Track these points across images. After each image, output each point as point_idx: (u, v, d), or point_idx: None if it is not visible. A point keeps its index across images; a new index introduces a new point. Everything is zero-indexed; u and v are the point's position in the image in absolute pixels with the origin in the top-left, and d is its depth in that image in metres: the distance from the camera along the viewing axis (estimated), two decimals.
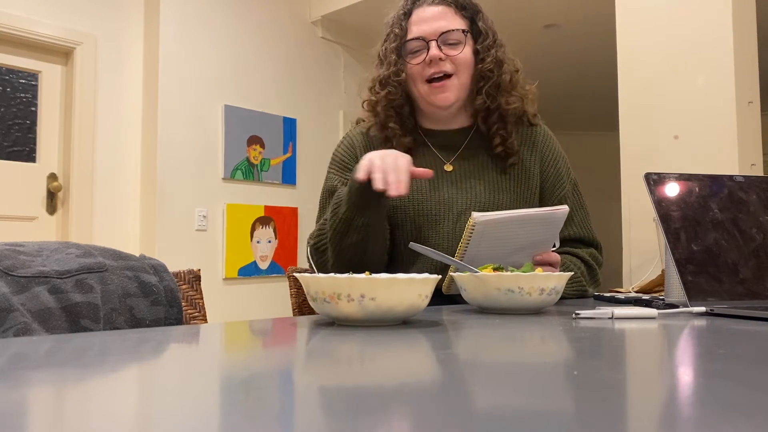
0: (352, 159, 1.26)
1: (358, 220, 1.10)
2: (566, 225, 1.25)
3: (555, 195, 1.27)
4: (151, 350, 0.54)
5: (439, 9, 1.21)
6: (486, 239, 1.01)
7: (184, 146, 3.15)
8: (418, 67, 1.21)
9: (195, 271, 1.02)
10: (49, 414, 0.33)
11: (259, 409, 0.32)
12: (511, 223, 1.01)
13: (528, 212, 1.02)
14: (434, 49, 1.18)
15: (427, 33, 1.20)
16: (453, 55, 1.19)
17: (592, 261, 1.25)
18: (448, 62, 1.19)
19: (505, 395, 0.35)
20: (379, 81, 1.24)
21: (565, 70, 4.80)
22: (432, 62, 1.19)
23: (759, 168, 1.81)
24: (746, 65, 1.82)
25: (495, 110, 1.23)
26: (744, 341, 0.59)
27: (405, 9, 1.24)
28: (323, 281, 0.69)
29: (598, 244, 1.30)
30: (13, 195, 2.81)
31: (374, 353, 0.52)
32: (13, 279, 0.73)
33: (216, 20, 3.32)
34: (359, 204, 1.08)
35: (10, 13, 2.76)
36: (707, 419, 0.30)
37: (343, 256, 1.14)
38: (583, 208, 1.30)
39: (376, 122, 1.26)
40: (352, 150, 1.28)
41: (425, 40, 1.19)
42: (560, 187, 1.27)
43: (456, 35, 1.20)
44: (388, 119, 1.24)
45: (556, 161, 1.29)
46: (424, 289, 0.71)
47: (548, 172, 1.27)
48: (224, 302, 3.25)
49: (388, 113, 1.23)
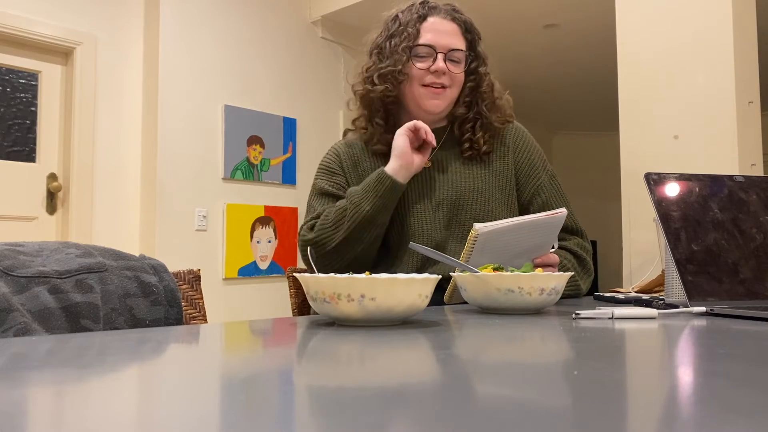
0: (337, 165, 1.35)
1: (382, 217, 1.21)
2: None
3: (530, 184, 1.33)
4: (151, 350, 0.54)
5: (452, 25, 1.30)
6: (488, 248, 1.04)
7: (184, 146, 3.15)
8: (421, 72, 1.27)
9: (195, 271, 1.02)
10: (49, 414, 0.33)
11: (259, 409, 0.32)
12: (511, 230, 1.04)
13: (528, 219, 1.05)
14: (441, 62, 1.27)
15: (439, 44, 1.27)
16: (454, 73, 1.29)
17: (580, 251, 1.29)
18: (448, 77, 1.28)
19: (505, 395, 0.35)
20: (380, 74, 1.29)
21: (565, 70, 4.80)
22: (435, 72, 1.27)
23: (759, 168, 1.81)
24: (746, 65, 1.82)
25: (472, 119, 1.33)
26: (744, 341, 0.59)
27: (420, 12, 1.30)
28: (323, 281, 0.69)
29: (582, 231, 1.34)
30: (13, 195, 2.81)
31: (374, 353, 0.52)
32: (13, 279, 0.73)
33: (216, 20, 3.32)
34: (386, 203, 1.20)
35: (10, 13, 2.76)
36: (707, 419, 0.30)
37: (352, 249, 1.21)
38: (562, 196, 1.35)
39: (362, 115, 1.34)
40: (337, 158, 1.36)
41: (435, 50, 1.27)
42: (535, 176, 1.33)
43: (459, 54, 1.29)
44: (376, 113, 1.31)
45: (530, 152, 1.36)
46: (424, 289, 0.72)
47: (522, 162, 1.34)
48: (224, 302, 3.25)
49: (377, 107, 1.31)
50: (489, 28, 1.47)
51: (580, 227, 1.34)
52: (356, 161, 1.34)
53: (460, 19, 1.31)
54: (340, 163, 1.35)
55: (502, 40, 4.04)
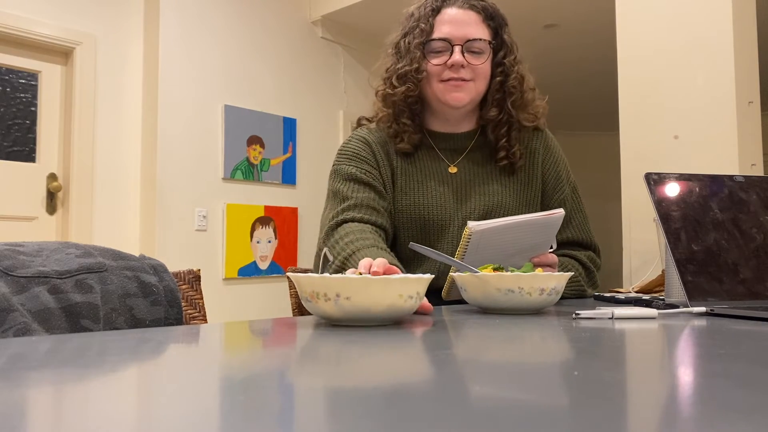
0: (367, 153, 1.24)
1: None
2: (564, 228, 1.25)
3: (555, 198, 1.28)
4: (151, 350, 0.54)
5: (469, 14, 1.21)
6: (483, 246, 1.02)
7: (184, 146, 3.15)
8: (438, 68, 1.20)
9: (195, 271, 1.02)
10: (49, 414, 0.33)
11: (258, 409, 0.32)
12: (507, 230, 1.02)
13: (524, 218, 1.03)
14: (458, 54, 1.18)
15: (454, 36, 1.19)
16: (475, 65, 1.19)
17: (590, 263, 1.26)
18: (468, 69, 1.19)
19: (505, 395, 0.35)
20: (398, 75, 1.22)
21: (565, 70, 4.80)
22: (453, 66, 1.18)
23: (759, 168, 1.81)
24: (746, 65, 1.82)
25: (506, 123, 1.23)
26: (744, 341, 0.59)
27: (434, 6, 1.22)
28: (302, 280, 0.71)
29: (596, 247, 1.30)
30: (13, 195, 2.81)
31: (374, 353, 0.52)
32: (13, 279, 0.73)
33: (216, 20, 3.32)
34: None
35: (10, 13, 2.76)
36: (707, 419, 0.30)
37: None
38: (581, 211, 1.30)
39: (387, 114, 1.25)
40: (366, 145, 1.25)
41: (451, 43, 1.19)
42: (560, 190, 1.28)
43: (480, 45, 1.20)
44: (402, 114, 1.23)
45: (557, 165, 1.30)
46: (405, 290, 0.70)
47: (549, 175, 1.28)
48: (224, 302, 3.25)
49: (402, 108, 1.23)
50: None
51: (594, 242, 1.29)
52: (387, 151, 1.25)
53: (479, 6, 1.22)
54: (371, 150, 1.25)
55: None
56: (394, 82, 1.23)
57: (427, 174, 1.25)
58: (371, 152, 1.24)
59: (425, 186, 1.23)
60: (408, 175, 1.24)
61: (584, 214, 1.31)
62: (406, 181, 1.24)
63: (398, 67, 1.22)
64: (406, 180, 1.24)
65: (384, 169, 1.24)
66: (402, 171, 1.25)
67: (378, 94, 1.27)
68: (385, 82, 1.25)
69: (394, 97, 1.22)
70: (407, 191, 1.23)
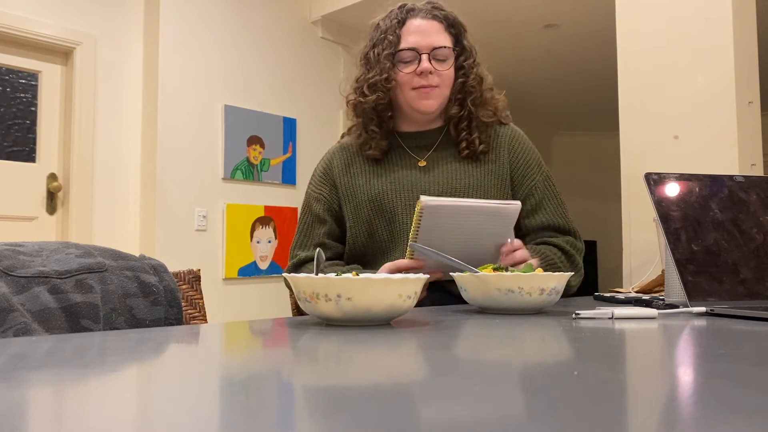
0: (326, 173, 1.38)
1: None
2: (537, 213, 1.31)
3: (524, 185, 1.33)
4: (151, 350, 0.54)
5: (432, 24, 1.30)
6: (438, 226, 1.04)
7: (184, 146, 3.15)
8: (408, 76, 1.28)
9: (195, 271, 1.02)
10: (49, 414, 0.33)
11: (258, 409, 0.32)
12: (459, 212, 1.04)
13: (478, 203, 1.06)
14: (425, 62, 1.27)
15: (421, 45, 1.28)
16: (441, 71, 1.28)
17: (569, 247, 1.29)
18: (435, 75, 1.28)
19: (505, 395, 0.35)
20: (368, 84, 1.30)
21: (565, 70, 4.80)
22: (422, 74, 1.27)
23: (759, 168, 1.81)
24: (746, 65, 1.82)
25: (466, 118, 1.32)
26: (744, 341, 0.59)
27: (399, 18, 1.31)
28: (302, 281, 0.71)
29: (575, 231, 1.34)
30: (13, 195, 2.81)
31: (374, 353, 0.52)
32: (13, 279, 0.73)
33: (216, 20, 3.32)
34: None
35: (10, 13, 2.76)
36: (707, 419, 0.30)
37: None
38: (556, 197, 1.35)
39: (357, 123, 1.35)
40: (329, 164, 1.39)
41: (418, 52, 1.27)
42: (530, 177, 1.33)
43: (445, 52, 1.29)
44: (371, 122, 1.32)
45: (526, 154, 1.36)
46: (404, 290, 0.71)
47: (517, 163, 1.34)
48: (224, 302, 3.25)
49: (371, 116, 1.32)
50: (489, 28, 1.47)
51: (572, 227, 1.34)
52: (349, 163, 1.37)
53: (440, 15, 1.31)
54: (330, 169, 1.38)
55: (502, 40, 4.04)
56: (365, 91, 1.31)
57: (397, 169, 1.33)
58: (330, 170, 1.37)
59: (393, 176, 1.32)
60: (377, 175, 1.33)
61: (559, 201, 1.35)
62: (376, 178, 1.33)
63: (368, 76, 1.31)
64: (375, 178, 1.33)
65: (341, 181, 1.35)
66: (372, 173, 1.34)
67: (349, 104, 1.36)
68: (355, 91, 1.34)
69: (365, 105, 1.31)
70: (376, 184, 1.32)
